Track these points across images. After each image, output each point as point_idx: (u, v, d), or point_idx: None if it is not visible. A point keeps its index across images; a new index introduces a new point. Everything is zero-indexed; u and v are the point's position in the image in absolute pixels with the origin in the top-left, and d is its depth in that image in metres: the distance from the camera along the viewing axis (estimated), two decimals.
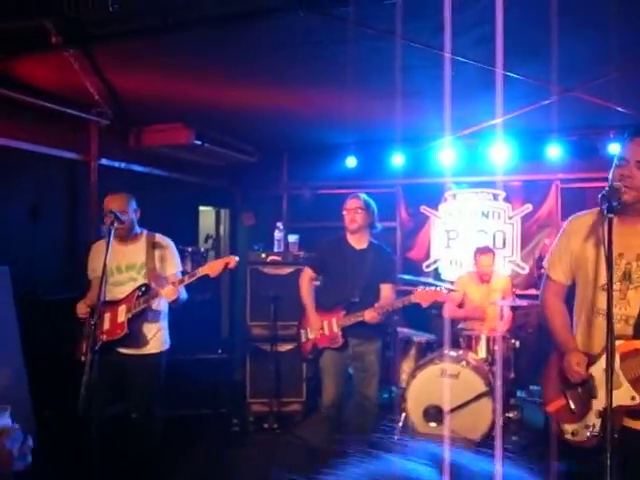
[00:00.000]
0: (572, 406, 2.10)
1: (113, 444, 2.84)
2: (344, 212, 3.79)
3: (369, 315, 3.55)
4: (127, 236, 3.28)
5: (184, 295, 3.31)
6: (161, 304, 3.31)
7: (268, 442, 4.49)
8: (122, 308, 3.17)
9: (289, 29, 2.79)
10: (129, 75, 3.69)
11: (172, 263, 3.38)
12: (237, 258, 3.18)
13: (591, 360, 2.10)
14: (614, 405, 1.90)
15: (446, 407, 3.84)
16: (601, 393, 2.04)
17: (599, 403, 2.03)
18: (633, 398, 1.94)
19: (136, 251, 3.31)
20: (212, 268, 3.11)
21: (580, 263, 2.15)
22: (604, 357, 2.02)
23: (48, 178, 4.45)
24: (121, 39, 2.78)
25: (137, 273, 3.29)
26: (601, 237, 2.02)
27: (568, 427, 2.11)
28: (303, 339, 3.90)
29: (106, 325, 3.16)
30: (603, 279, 2.05)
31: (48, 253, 4.38)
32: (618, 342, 1.98)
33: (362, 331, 3.66)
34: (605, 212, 1.81)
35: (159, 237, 3.41)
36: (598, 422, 2.02)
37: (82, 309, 3.22)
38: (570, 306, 2.27)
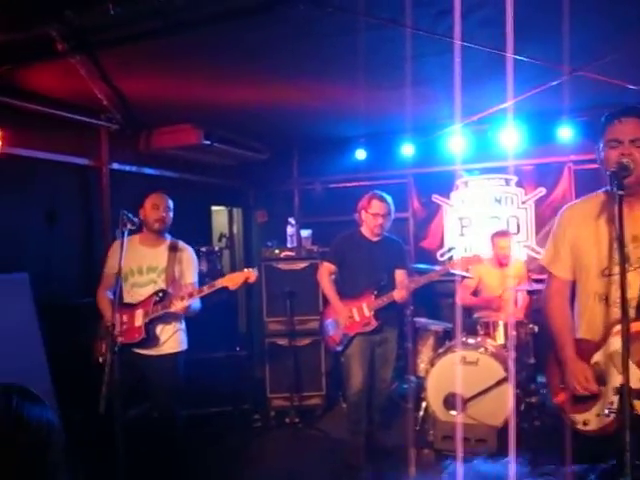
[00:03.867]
0: (579, 397, 2.05)
1: (137, 443, 2.88)
2: (370, 213, 3.80)
3: (398, 294, 3.70)
4: (157, 235, 3.32)
5: (197, 305, 3.30)
6: None
7: (290, 436, 4.52)
8: (139, 312, 3.20)
9: (292, 22, 2.79)
10: (135, 78, 3.71)
11: (191, 272, 3.40)
12: (257, 273, 3.20)
13: (592, 348, 2.06)
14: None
15: (467, 394, 3.83)
16: (609, 378, 2.00)
17: (608, 388, 1.99)
18: None
19: (158, 254, 3.33)
20: (232, 280, 3.14)
21: (578, 252, 2.11)
22: (609, 342, 2.00)
23: (62, 184, 4.51)
24: (123, 43, 2.80)
25: (157, 276, 3.31)
26: (597, 222, 2.05)
27: (579, 417, 2.07)
28: (331, 332, 3.90)
29: (124, 327, 3.18)
30: (602, 264, 2.02)
31: (65, 258, 4.45)
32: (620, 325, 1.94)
33: (388, 317, 3.82)
34: (616, 189, 1.77)
35: (182, 244, 3.43)
36: (611, 406, 1.97)
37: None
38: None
